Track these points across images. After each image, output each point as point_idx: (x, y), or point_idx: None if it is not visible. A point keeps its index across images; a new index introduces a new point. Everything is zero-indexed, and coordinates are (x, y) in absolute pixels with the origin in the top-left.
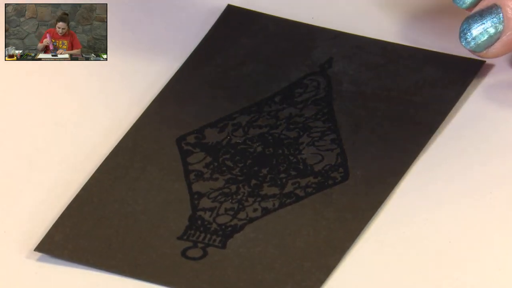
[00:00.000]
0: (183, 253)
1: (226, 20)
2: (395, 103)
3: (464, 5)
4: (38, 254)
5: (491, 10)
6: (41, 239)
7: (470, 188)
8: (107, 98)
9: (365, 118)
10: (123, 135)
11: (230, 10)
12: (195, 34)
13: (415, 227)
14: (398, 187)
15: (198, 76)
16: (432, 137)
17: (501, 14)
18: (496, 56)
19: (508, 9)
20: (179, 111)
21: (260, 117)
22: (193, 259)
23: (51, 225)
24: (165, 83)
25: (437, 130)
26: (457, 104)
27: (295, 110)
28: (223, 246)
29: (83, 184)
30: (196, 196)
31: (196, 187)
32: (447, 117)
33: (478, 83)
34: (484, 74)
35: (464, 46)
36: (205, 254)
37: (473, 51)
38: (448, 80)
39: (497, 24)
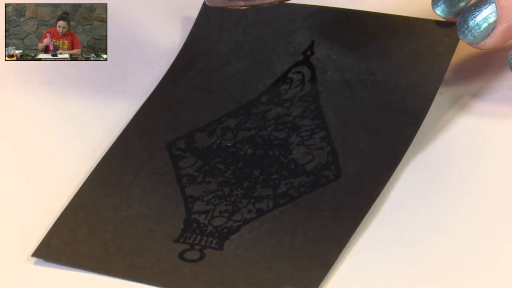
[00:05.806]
0: (181, 256)
1: (206, 14)
2: (381, 89)
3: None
4: (36, 259)
5: (485, 0)
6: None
7: (470, 188)
8: (106, 98)
9: (353, 111)
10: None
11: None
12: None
13: (416, 227)
14: (399, 187)
15: (184, 81)
16: (432, 137)
17: (494, 4)
18: (494, 46)
19: None
20: (167, 117)
21: (248, 119)
22: (191, 261)
23: (47, 231)
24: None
25: (437, 130)
26: (457, 104)
27: (282, 110)
28: (220, 247)
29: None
30: (190, 200)
31: (189, 190)
32: (447, 118)
33: (478, 84)
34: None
35: (461, 39)
36: (202, 256)
37: (470, 44)
38: (431, 54)
39: (491, 14)
